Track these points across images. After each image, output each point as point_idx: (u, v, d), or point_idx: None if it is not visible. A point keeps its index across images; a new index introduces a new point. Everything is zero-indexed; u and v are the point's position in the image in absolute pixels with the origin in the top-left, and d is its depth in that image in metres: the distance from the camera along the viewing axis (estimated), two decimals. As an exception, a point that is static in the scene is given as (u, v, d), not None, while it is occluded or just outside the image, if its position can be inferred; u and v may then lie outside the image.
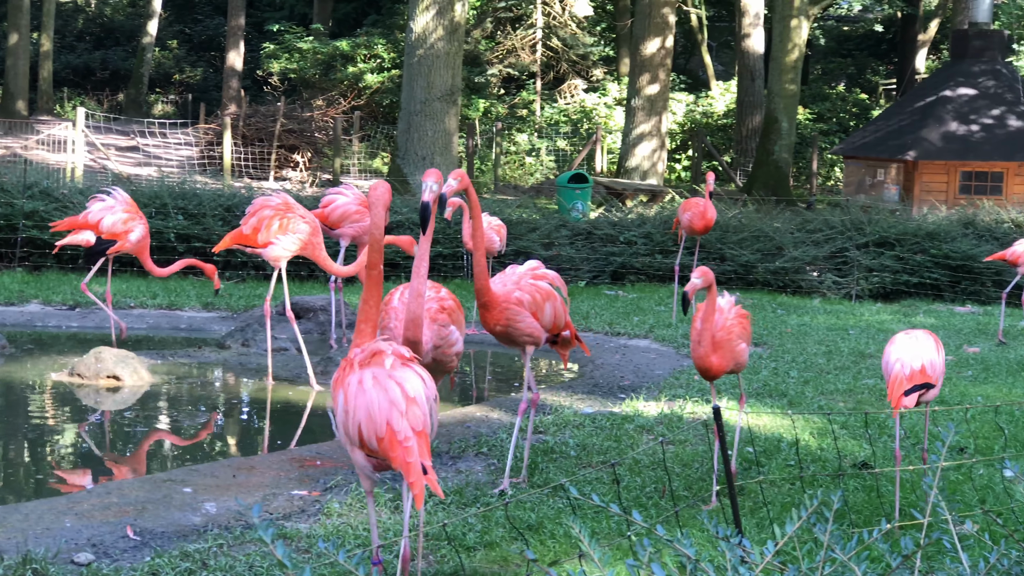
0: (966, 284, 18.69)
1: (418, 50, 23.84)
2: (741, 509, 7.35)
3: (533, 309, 7.75)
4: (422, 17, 23.75)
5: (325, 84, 41.61)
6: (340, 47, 41.35)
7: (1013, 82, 28.48)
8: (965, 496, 7.77)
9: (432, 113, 23.96)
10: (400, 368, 5.19)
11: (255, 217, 11.01)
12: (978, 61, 28.85)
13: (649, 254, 19.05)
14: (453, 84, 24.19)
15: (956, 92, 28.31)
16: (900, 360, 7.30)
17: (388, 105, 40.22)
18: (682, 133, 41.20)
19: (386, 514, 7.21)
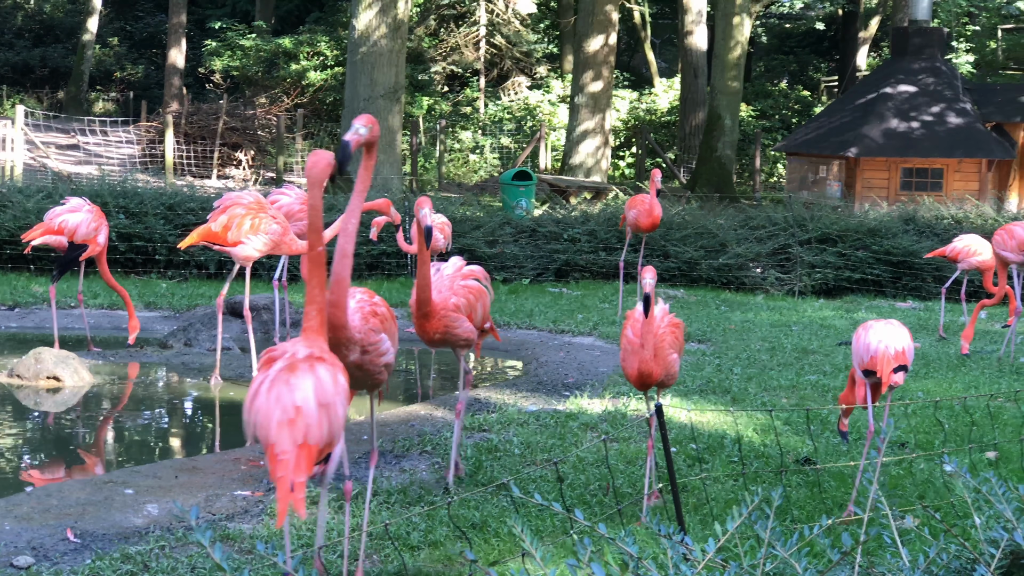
0: (907, 280, 18.83)
1: (361, 47, 23.77)
2: (685, 506, 7.38)
3: (468, 312, 7.68)
4: (365, 14, 23.67)
5: (268, 82, 41.41)
6: (283, 44, 41.16)
7: (952, 79, 28.71)
8: (906, 491, 7.83)
9: (375, 111, 23.88)
10: (297, 373, 4.81)
11: (226, 215, 10.82)
12: (918, 58, 29.07)
13: (593, 251, 19.08)
14: (396, 81, 24.14)
15: (897, 89, 28.51)
16: (882, 341, 7.47)
17: (332, 103, 40.09)
18: (626, 130, 41.29)
19: (329, 514, 7.17)
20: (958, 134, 27.26)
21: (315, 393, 4.73)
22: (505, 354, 13.52)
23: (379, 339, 6.23)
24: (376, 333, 6.21)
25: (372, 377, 6.40)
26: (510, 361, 13.32)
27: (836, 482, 8.09)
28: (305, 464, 4.60)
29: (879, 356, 7.49)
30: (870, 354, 7.52)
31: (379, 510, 7.25)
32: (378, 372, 6.37)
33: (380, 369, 6.36)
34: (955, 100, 27.94)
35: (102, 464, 9.18)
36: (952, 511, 7.07)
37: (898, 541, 3.93)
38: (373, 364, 6.29)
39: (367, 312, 6.22)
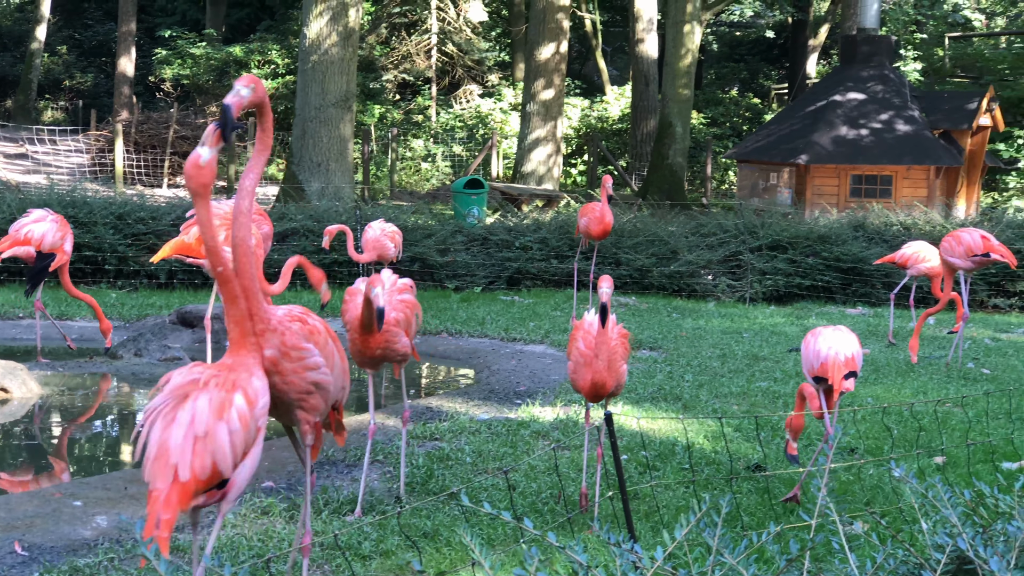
0: (857, 286, 18.94)
1: (312, 56, 23.70)
2: (636, 513, 7.40)
3: (405, 327, 7.63)
4: (316, 23, 23.61)
5: (219, 90, 41.27)
6: (234, 53, 41.07)
7: (900, 87, 28.91)
8: (855, 496, 7.87)
9: (327, 119, 23.82)
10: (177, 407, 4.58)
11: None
12: (867, 66, 29.25)
13: (545, 259, 19.10)
14: (348, 90, 24.08)
15: (846, 97, 28.68)
16: (832, 348, 7.59)
17: (283, 111, 39.95)
18: (577, 138, 41.38)
19: (281, 524, 7.15)
20: (907, 141, 27.44)
21: (188, 428, 4.50)
22: (457, 362, 13.51)
23: (304, 347, 5.57)
24: (301, 339, 5.55)
25: (302, 403, 5.62)
26: (462, 369, 13.31)
27: (787, 488, 8.13)
28: (177, 500, 4.43)
29: (830, 362, 7.57)
30: (820, 360, 7.60)
31: (330, 520, 7.24)
32: (306, 391, 5.58)
33: (308, 387, 5.58)
34: (903, 107, 28.14)
35: (50, 476, 9.11)
36: (901, 516, 7.12)
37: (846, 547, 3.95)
38: (298, 377, 5.54)
39: (295, 316, 5.64)
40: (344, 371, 5.87)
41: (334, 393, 5.77)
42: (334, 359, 5.75)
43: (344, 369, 5.86)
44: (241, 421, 4.60)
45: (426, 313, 15.91)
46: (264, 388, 4.84)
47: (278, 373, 5.46)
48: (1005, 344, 14.78)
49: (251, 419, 4.66)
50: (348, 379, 5.97)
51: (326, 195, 22.73)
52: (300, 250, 18.04)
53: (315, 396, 5.62)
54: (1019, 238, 19.06)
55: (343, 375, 5.86)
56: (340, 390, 5.88)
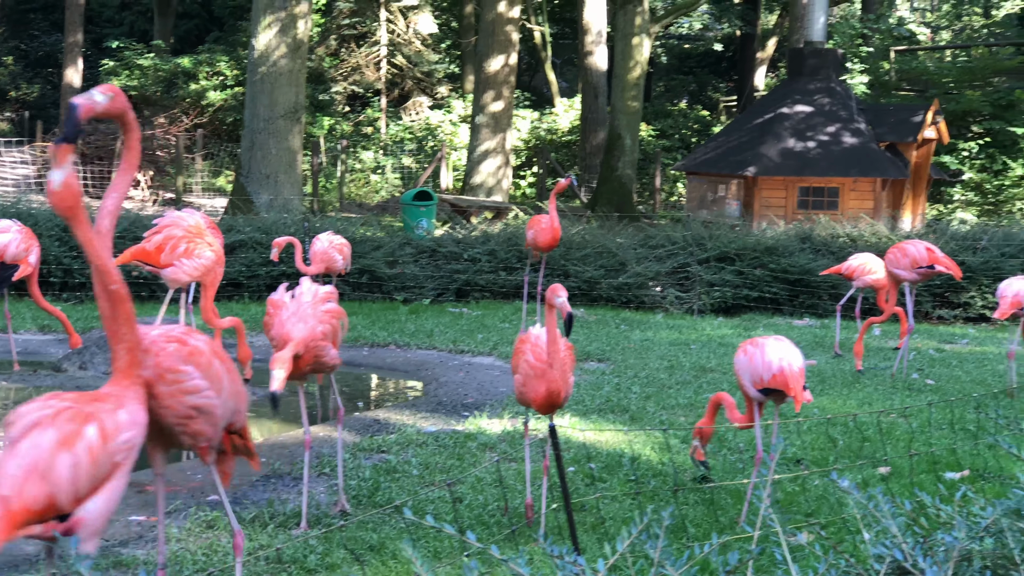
0: (804, 298, 19.04)
1: (261, 68, 23.63)
2: (583, 525, 7.40)
3: (332, 337, 7.52)
4: (264, 34, 23.54)
5: (167, 101, 41.09)
6: (182, 64, 40.91)
7: (847, 100, 29.10)
8: (801, 507, 7.91)
9: (276, 131, 23.74)
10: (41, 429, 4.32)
11: (161, 235, 10.81)
12: (814, 79, 29.43)
13: (493, 271, 19.10)
14: (297, 102, 24.01)
15: (793, 109, 28.85)
16: (783, 359, 7.50)
17: (232, 123, 39.87)
18: (527, 150, 41.45)
19: (226, 538, 7.11)
20: (853, 154, 27.62)
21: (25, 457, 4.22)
22: (405, 375, 13.49)
23: (182, 369, 5.30)
24: (179, 361, 5.29)
25: (178, 424, 5.34)
26: (410, 382, 13.29)
27: (733, 499, 8.17)
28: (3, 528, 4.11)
29: (788, 374, 7.48)
30: (772, 372, 7.50)
31: (276, 533, 7.21)
32: (185, 417, 5.32)
33: (187, 412, 5.31)
34: (850, 120, 28.32)
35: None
36: (845, 527, 7.16)
37: (788, 558, 3.96)
38: (175, 401, 5.27)
39: (173, 336, 5.36)
40: (237, 394, 5.59)
41: (224, 417, 5.51)
42: (222, 382, 5.48)
43: (237, 392, 5.59)
44: (89, 454, 4.31)
45: (374, 325, 15.88)
46: (132, 422, 4.54)
47: (154, 397, 5.21)
48: (949, 355, 14.90)
49: (103, 453, 4.36)
50: (244, 402, 5.71)
51: (275, 207, 22.66)
52: (248, 262, 17.97)
53: (197, 421, 5.36)
54: (963, 250, 19.22)
55: (237, 398, 5.60)
56: (233, 413, 5.62)
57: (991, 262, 18.86)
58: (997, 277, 18.68)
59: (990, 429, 9.84)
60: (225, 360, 5.53)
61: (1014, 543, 3.92)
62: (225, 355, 5.60)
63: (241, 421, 5.71)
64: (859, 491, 4.38)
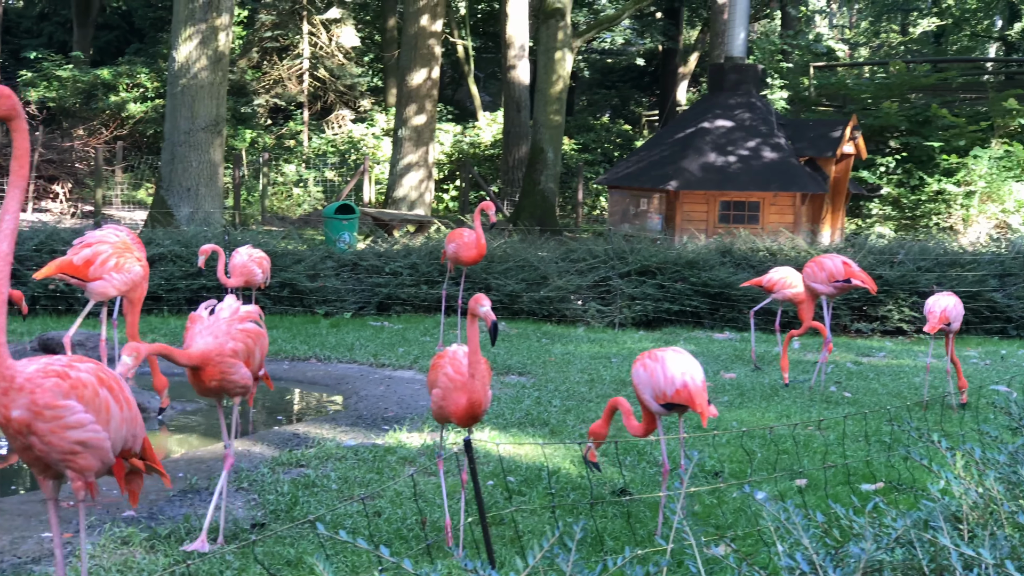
0: (724, 311, 19.17)
1: (181, 80, 23.47)
2: (502, 539, 7.41)
3: (246, 357, 7.31)
4: (185, 46, 23.39)
5: (86, 113, 40.71)
6: (101, 76, 40.55)
7: (767, 114, 29.36)
8: (719, 520, 7.96)
9: (196, 144, 23.59)
10: None
11: (90, 249, 10.72)
12: (734, 94, 29.67)
13: (415, 285, 19.09)
14: (218, 114, 23.87)
15: (714, 124, 29.06)
16: (686, 372, 7.49)
17: (152, 135, 39.57)
18: (450, 163, 41.45)
19: (141, 554, 7.05)
20: (773, 168, 27.85)
21: None
22: (325, 388, 13.43)
23: (61, 404, 5.12)
24: (58, 396, 5.11)
25: (63, 460, 5.20)
26: (330, 396, 13.23)
27: (651, 512, 8.20)
28: None
29: (692, 389, 7.46)
30: (676, 387, 7.47)
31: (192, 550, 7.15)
32: (70, 452, 5.17)
33: (72, 447, 5.17)
34: (770, 135, 28.57)
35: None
36: (761, 539, 7.21)
37: (701, 571, 4.00)
38: (57, 437, 5.14)
39: (52, 371, 5.15)
40: (129, 420, 5.48)
41: (117, 445, 5.42)
42: (108, 412, 5.35)
43: (129, 418, 5.48)
44: None
45: (295, 339, 15.81)
46: None
47: (34, 434, 5.10)
48: (866, 368, 15.05)
49: None
50: (139, 425, 5.61)
51: (195, 220, 22.51)
52: (168, 276, 17.84)
53: (83, 456, 5.23)
54: (881, 264, 19.44)
55: (130, 423, 5.50)
56: (130, 439, 5.54)
57: (907, 276, 19.09)
58: (913, 291, 18.94)
59: (905, 441, 9.96)
60: (113, 387, 5.39)
61: (923, 554, 3.97)
62: (114, 381, 5.45)
63: (137, 445, 5.60)
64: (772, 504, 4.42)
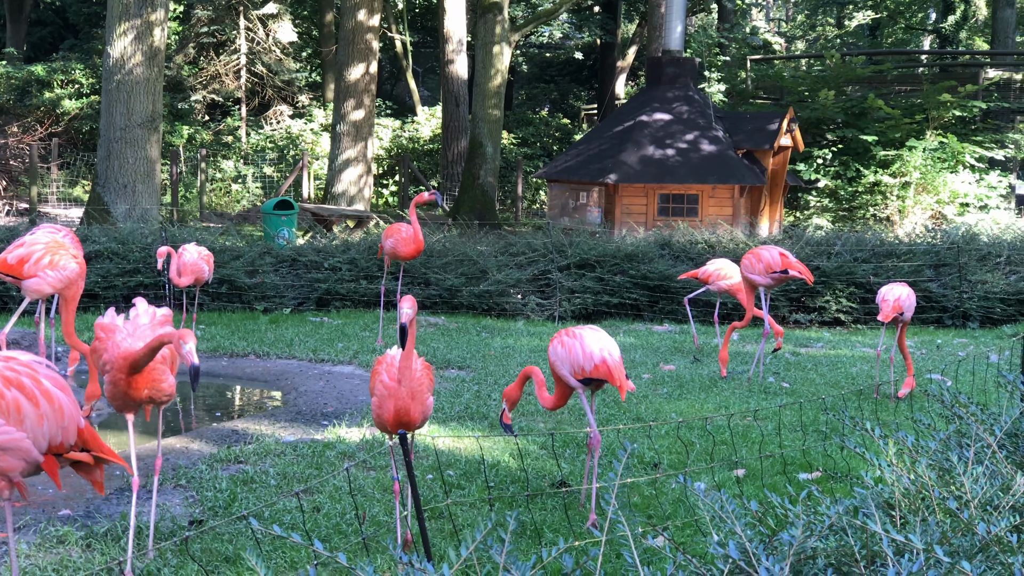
0: (664, 303, 19.23)
1: (116, 76, 23.29)
2: (441, 532, 7.41)
3: (171, 363, 6.99)
4: (119, 42, 23.21)
5: (20, 110, 40.30)
6: (35, 72, 40.17)
7: (705, 107, 29.49)
8: (657, 511, 7.99)
9: (132, 140, 23.41)
10: None
11: (24, 248, 10.65)
12: (672, 87, 29.78)
13: (354, 280, 19.03)
14: (154, 110, 23.70)
15: (652, 117, 29.14)
16: (604, 349, 7.80)
17: (88, 132, 39.24)
18: (389, 158, 41.37)
19: (77, 553, 7.00)
20: (712, 161, 27.98)
21: None
22: (264, 384, 13.38)
23: None
24: None
25: None
26: (269, 391, 13.18)
27: (591, 504, 8.22)
28: None
29: (611, 364, 7.83)
30: (595, 363, 7.75)
31: (127, 547, 7.10)
32: None
33: None
34: (708, 128, 28.69)
35: None
36: (699, 529, 7.25)
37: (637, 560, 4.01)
38: None
39: None
40: (51, 415, 5.33)
41: (41, 443, 5.29)
42: (20, 412, 5.22)
43: (50, 413, 5.32)
44: None
45: (234, 335, 15.74)
46: None
47: None
48: (805, 358, 15.16)
49: None
50: (69, 418, 5.44)
51: (133, 217, 22.35)
52: (104, 273, 17.72)
53: (2, 458, 5.14)
54: (819, 255, 19.57)
55: (54, 419, 5.34)
56: (57, 435, 5.39)
57: (845, 267, 19.22)
58: (851, 282, 19.07)
59: (841, 430, 10.04)
60: (25, 384, 5.25)
61: (855, 540, 4.01)
62: (27, 376, 5.30)
63: (71, 438, 5.45)
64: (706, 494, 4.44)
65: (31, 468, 5.29)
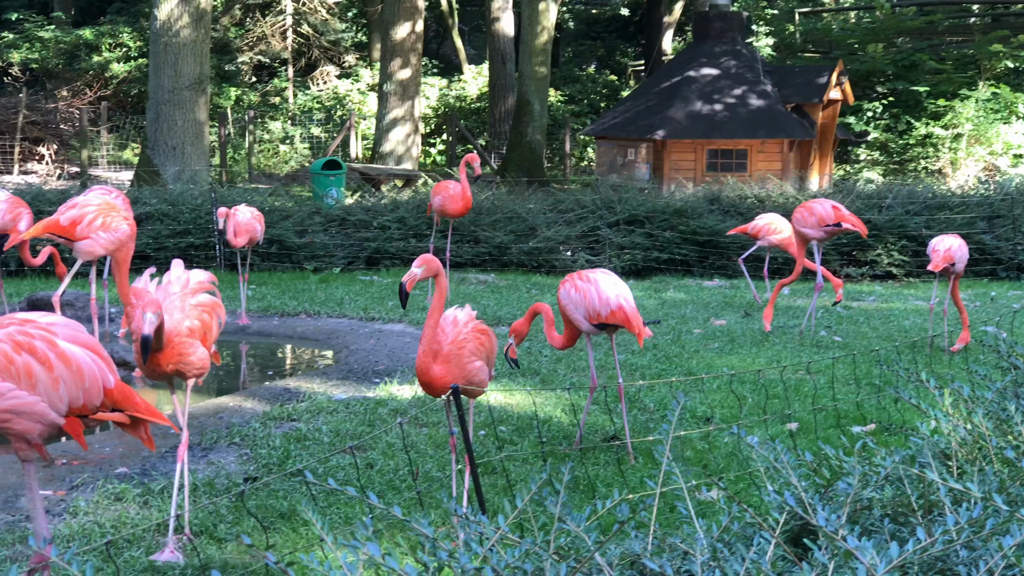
0: (713, 259, 19.17)
1: (163, 38, 23.36)
2: (494, 487, 7.43)
3: (203, 334, 6.62)
4: (166, 4, 23.27)
5: (70, 74, 40.49)
6: (84, 36, 40.31)
7: (753, 62, 29.28)
8: (710, 464, 7.98)
9: (181, 102, 23.51)
10: None
11: (77, 210, 10.74)
12: (720, 42, 29.59)
13: (403, 238, 19.06)
14: (201, 72, 23.77)
15: (700, 72, 28.97)
16: (620, 295, 7.95)
17: (137, 95, 39.39)
18: (436, 117, 41.33)
19: (134, 509, 7.06)
20: (760, 115, 27.82)
21: None
22: (316, 343, 13.44)
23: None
24: None
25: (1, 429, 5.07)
26: (321, 350, 13.24)
27: (644, 459, 8.22)
28: None
29: (628, 310, 8.03)
30: (611, 308, 7.85)
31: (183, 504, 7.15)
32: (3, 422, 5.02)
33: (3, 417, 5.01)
34: (756, 82, 28.50)
35: None
36: (752, 482, 7.23)
37: (692, 512, 4.00)
38: None
39: None
40: (68, 377, 5.15)
41: (60, 405, 5.15)
42: (33, 376, 5.06)
43: (67, 375, 5.15)
44: None
45: (284, 295, 15.80)
46: None
47: None
48: (856, 312, 15.07)
49: None
50: (90, 380, 5.25)
51: (182, 179, 22.46)
52: (155, 235, 17.82)
53: (18, 421, 5.03)
54: (870, 208, 19.43)
55: (72, 381, 5.17)
56: (78, 397, 5.22)
57: (896, 220, 19.08)
58: (902, 235, 18.94)
59: (895, 383, 9.98)
60: (36, 348, 5.12)
61: (912, 490, 3.98)
62: (41, 339, 5.17)
63: (94, 399, 5.30)
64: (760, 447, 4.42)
65: (50, 430, 5.19)
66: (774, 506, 3.89)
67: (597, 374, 11.03)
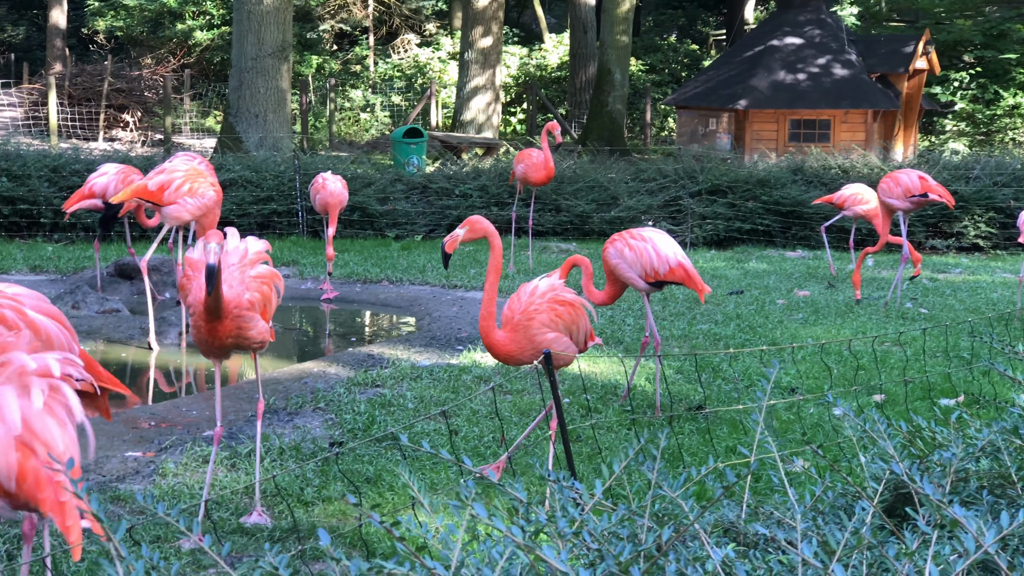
0: (796, 229, 19.03)
1: (247, 6, 23.46)
2: (579, 455, 7.41)
3: (262, 307, 6.36)
4: (250, -28, 23.36)
5: (153, 42, 40.81)
6: (168, 4, 40.57)
7: (837, 31, 28.97)
8: (796, 435, 7.92)
9: (263, 70, 23.61)
10: None
11: (164, 175, 10.88)
12: (804, 10, 29.31)
13: (485, 206, 19.05)
14: (284, 40, 23.86)
15: (783, 41, 28.72)
16: (677, 253, 8.08)
17: (219, 62, 39.62)
18: (516, 86, 41.22)
19: (223, 472, 7.12)
20: (844, 85, 27.54)
21: None
22: (398, 310, 13.49)
23: None
24: None
25: None
26: (403, 317, 13.29)
27: (729, 428, 8.18)
28: None
29: (687, 267, 8.26)
30: (670, 265, 7.98)
31: (272, 468, 7.20)
32: None
33: None
34: (840, 52, 28.22)
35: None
36: (840, 453, 7.17)
37: (784, 480, 3.96)
38: None
39: None
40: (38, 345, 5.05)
41: None
42: None
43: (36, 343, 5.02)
44: None
45: (367, 262, 15.86)
46: None
47: None
48: (942, 284, 14.91)
49: None
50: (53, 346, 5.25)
51: (264, 146, 22.58)
52: (238, 201, 17.93)
53: None
54: (955, 179, 19.19)
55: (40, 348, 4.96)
56: None
57: (984, 191, 18.84)
58: (990, 206, 18.70)
59: (984, 355, 9.85)
60: (7, 317, 5.17)
61: (1011, 461, 3.93)
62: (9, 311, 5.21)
63: None
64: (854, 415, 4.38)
65: None
66: (869, 475, 3.85)
67: (679, 343, 10.98)
